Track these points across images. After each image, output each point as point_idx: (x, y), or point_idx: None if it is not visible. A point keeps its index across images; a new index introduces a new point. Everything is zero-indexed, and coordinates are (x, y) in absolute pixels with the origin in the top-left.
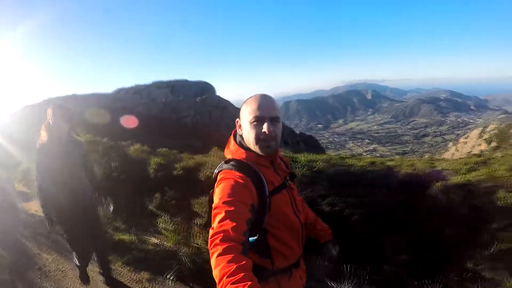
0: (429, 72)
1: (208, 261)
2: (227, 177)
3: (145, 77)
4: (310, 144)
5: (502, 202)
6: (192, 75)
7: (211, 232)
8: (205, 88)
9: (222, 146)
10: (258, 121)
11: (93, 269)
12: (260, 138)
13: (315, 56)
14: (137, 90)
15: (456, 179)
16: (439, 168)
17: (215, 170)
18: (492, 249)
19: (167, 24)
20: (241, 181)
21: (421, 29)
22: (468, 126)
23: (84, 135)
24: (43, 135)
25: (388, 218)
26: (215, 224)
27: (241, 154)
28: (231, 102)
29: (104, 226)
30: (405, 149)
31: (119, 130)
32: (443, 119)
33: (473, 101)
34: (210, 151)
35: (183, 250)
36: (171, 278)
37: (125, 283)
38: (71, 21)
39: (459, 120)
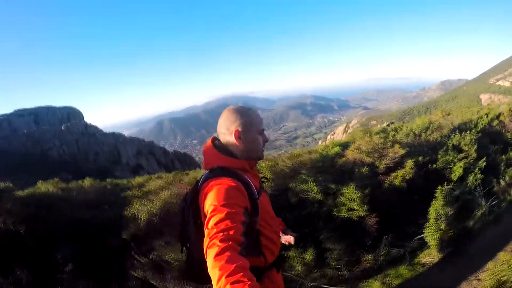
0: (294, 81)
1: None
2: (220, 183)
3: (7, 105)
4: (186, 161)
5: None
6: (59, 100)
7: (208, 232)
8: (72, 114)
9: (94, 176)
10: (263, 130)
11: None
12: (263, 145)
13: (182, 74)
14: None
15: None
16: None
17: (201, 180)
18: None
19: (30, 40)
20: (234, 185)
21: (279, 41)
22: (334, 124)
23: None
24: None
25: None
26: (211, 224)
27: (229, 162)
28: (99, 127)
29: None
30: (280, 152)
31: None
32: (310, 121)
33: (336, 102)
34: None
35: None
36: None
37: None
38: None
39: (325, 120)
